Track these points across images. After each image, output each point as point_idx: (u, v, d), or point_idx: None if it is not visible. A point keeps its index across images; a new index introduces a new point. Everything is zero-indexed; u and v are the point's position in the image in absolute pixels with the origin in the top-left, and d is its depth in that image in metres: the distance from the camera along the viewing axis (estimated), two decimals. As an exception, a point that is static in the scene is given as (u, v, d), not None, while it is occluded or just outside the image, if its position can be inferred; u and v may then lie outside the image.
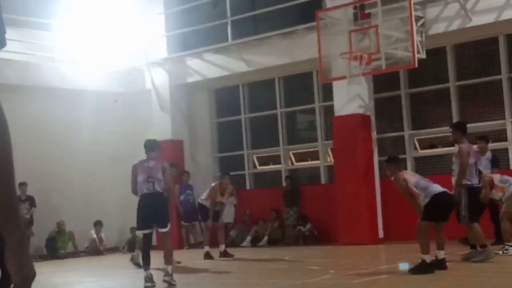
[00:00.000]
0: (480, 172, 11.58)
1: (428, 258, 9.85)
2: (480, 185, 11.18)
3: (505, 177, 12.24)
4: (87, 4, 19.81)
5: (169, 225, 10.70)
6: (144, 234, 10.56)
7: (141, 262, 13.02)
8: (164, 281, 10.31)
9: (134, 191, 10.63)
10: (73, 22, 19.45)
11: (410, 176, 10.44)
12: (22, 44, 18.54)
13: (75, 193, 18.86)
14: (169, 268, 10.39)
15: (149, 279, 10.25)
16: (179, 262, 13.25)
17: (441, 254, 10.11)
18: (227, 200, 15.15)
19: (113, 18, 19.90)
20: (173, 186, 11.83)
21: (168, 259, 10.42)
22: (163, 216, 10.52)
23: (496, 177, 12.19)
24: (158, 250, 10.88)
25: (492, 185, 11.92)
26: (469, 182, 10.71)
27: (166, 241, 10.60)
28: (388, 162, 10.76)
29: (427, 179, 10.53)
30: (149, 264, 10.39)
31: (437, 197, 9.99)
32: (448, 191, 10.31)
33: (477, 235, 10.78)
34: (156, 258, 10.76)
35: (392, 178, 10.36)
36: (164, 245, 10.59)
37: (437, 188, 10.16)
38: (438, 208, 10.03)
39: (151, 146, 10.82)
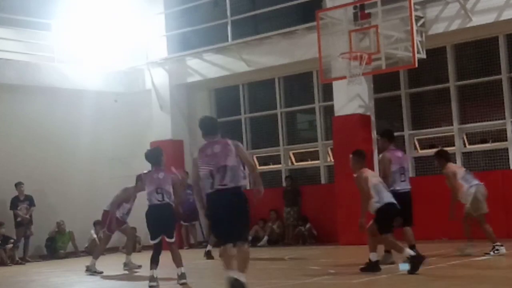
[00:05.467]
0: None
1: (407, 253, 10.01)
2: (405, 189, 11.16)
3: (469, 175, 12.06)
4: (87, 4, 19.81)
5: (174, 236, 10.75)
6: (154, 244, 10.58)
7: (97, 269, 13.08)
8: (181, 283, 10.28)
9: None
10: (73, 22, 19.45)
11: (372, 177, 10.55)
12: (22, 44, 18.56)
13: (75, 193, 18.86)
14: (182, 269, 10.45)
15: (154, 278, 10.30)
16: (140, 266, 13.30)
17: (409, 252, 10.21)
18: None
19: (113, 18, 19.90)
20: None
21: (178, 262, 10.48)
22: (170, 227, 10.64)
23: (460, 172, 12.03)
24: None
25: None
26: (394, 188, 10.83)
27: (173, 248, 10.63)
28: (353, 156, 10.84)
29: (384, 186, 10.55)
30: (156, 265, 10.44)
31: (388, 206, 10.26)
32: (396, 204, 10.41)
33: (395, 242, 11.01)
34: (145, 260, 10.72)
35: (355, 175, 10.46)
36: (172, 252, 10.59)
37: (388, 198, 10.38)
38: (388, 219, 10.29)
39: (154, 159, 10.78)
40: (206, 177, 8.06)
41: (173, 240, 10.62)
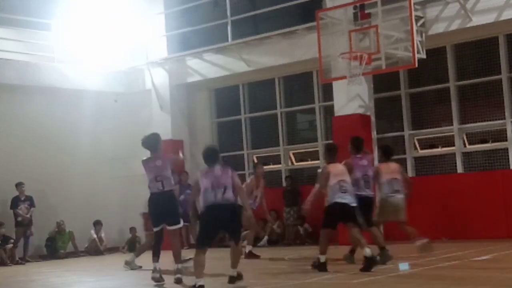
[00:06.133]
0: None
1: (323, 258, 10.77)
2: (369, 195, 11.57)
3: (390, 185, 11.80)
4: (87, 4, 19.82)
5: (181, 222, 10.93)
6: (155, 232, 10.73)
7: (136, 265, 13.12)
8: (177, 278, 10.42)
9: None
10: (73, 22, 19.46)
11: (333, 177, 10.75)
12: (22, 44, 18.57)
13: (75, 193, 18.87)
14: (179, 266, 10.58)
15: (156, 270, 10.51)
16: (140, 267, 13.29)
17: (368, 252, 10.48)
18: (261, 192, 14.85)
19: (113, 18, 19.91)
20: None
21: (177, 258, 10.59)
22: (172, 214, 10.71)
23: (386, 176, 11.85)
24: (164, 250, 10.92)
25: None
26: (358, 193, 11.18)
27: (174, 239, 10.72)
28: (324, 149, 11.44)
29: (340, 186, 10.70)
30: (158, 257, 10.61)
31: (334, 206, 10.71)
32: (348, 204, 10.70)
33: (376, 239, 11.53)
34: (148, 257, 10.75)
35: (319, 170, 10.73)
36: (172, 243, 10.69)
37: (338, 198, 10.69)
38: (331, 216, 10.84)
39: (151, 146, 10.85)
40: (208, 191, 9.21)
41: (175, 227, 10.66)
